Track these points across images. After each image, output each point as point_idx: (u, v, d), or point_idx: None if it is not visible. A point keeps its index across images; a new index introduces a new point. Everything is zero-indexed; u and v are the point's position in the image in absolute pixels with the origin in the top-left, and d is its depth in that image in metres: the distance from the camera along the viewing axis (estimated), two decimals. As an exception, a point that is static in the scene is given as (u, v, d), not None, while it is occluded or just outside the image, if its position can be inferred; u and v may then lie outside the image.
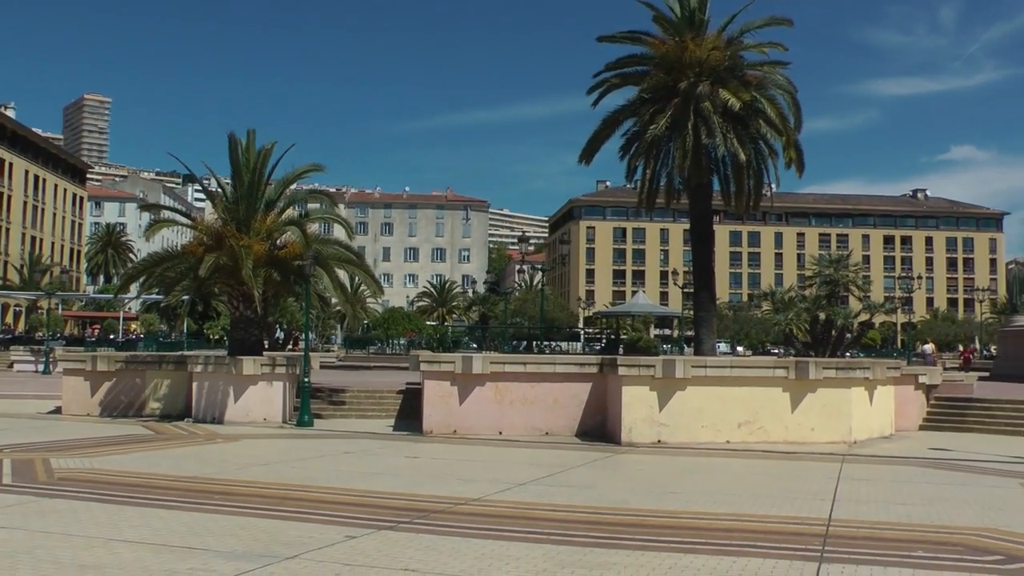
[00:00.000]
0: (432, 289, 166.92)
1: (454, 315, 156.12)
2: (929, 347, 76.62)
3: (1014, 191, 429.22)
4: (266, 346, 49.40)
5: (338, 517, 17.03)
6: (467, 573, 13.03)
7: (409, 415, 36.77)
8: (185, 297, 45.71)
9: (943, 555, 15.19)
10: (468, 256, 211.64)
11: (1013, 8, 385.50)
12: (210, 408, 37.03)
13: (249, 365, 36.48)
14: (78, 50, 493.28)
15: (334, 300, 46.80)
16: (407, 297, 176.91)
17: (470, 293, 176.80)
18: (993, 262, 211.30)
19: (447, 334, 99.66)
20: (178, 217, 46.12)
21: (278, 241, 40.72)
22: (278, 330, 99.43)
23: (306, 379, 36.37)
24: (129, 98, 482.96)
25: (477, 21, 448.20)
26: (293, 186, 44.81)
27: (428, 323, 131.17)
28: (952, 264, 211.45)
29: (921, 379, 39.31)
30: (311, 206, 46.79)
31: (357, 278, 50.30)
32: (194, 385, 37.75)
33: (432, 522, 16.82)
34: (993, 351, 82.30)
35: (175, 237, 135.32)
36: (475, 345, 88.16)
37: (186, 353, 46.96)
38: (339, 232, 49.63)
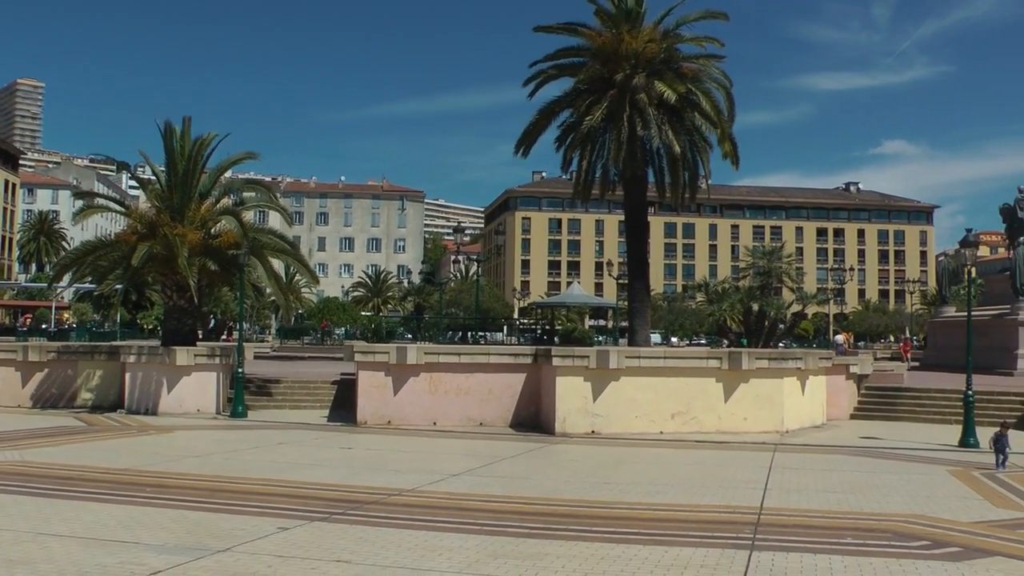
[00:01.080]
0: (367, 279, 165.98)
1: (389, 305, 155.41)
2: (840, 337, 77.49)
3: (944, 185, 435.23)
4: (200, 336, 49.00)
5: (271, 509, 16.95)
6: (400, 564, 13.03)
7: (343, 406, 36.62)
8: (119, 286, 45.01)
9: (871, 541, 15.47)
10: (404, 246, 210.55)
11: (945, 6, 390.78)
12: (143, 399, 36.67)
13: (183, 356, 36.17)
14: (11, 34, 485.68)
15: (269, 290, 46.32)
16: (342, 287, 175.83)
17: (405, 283, 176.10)
18: (923, 254, 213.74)
19: (382, 324, 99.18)
20: (112, 205, 45.55)
21: (213, 230, 40.36)
22: (212, 320, 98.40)
23: (240, 370, 36.14)
24: (64, 84, 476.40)
25: (414, 10, 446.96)
26: (228, 174, 44.47)
27: (363, 313, 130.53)
28: (883, 256, 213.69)
29: (852, 369, 39.78)
30: (246, 195, 46.45)
31: (292, 268, 49.95)
32: (127, 376, 37.35)
33: (366, 513, 16.82)
34: (923, 341, 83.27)
35: (109, 226, 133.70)
36: (410, 336, 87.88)
37: (119, 343, 46.38)
38: (275, 222, 49.50)
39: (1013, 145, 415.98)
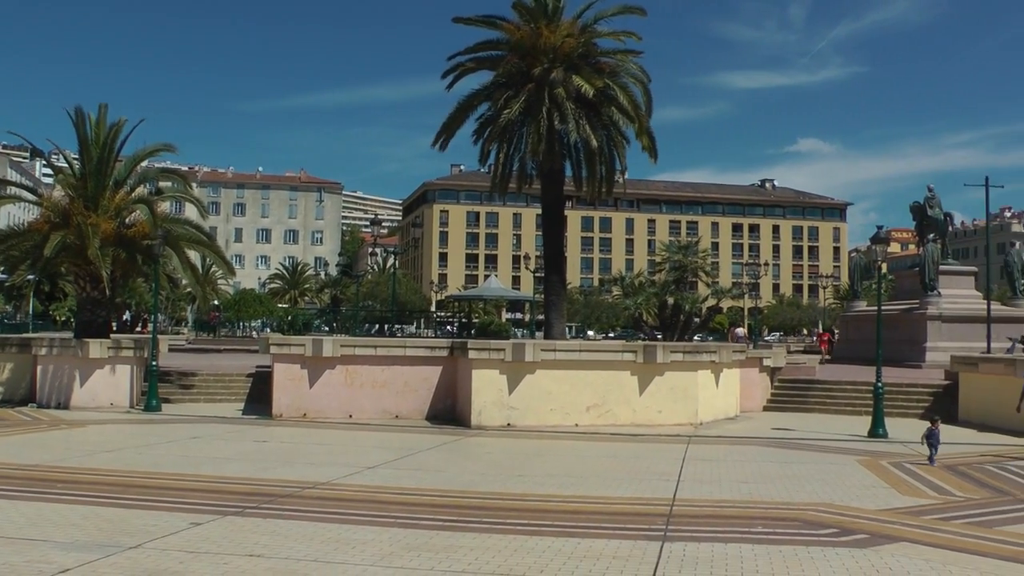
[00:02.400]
0: (284, 271, 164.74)
1: (306, 298, 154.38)
2: (741, 331, 78.56)
3: (857, 183, 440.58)
4: (114, 328, 48.36)
5: (184, 504, 16.82)
6: (313, 558, 13.03)
7: (259, 399, 36.42)
8: (30, 277, 44.33)
9: (781, 530, 15.76)
10: (321, 238, 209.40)
11: (859, 9, 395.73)
12: (55, 393, 36.08)
13: (96, 348, 35.67)
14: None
15: (184, 281, 45.81)
16: (259, 279, 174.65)
17: (323, 275, 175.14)
18: (837, 250, 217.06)
19: (298, 317, 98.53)
20: (24, 193, 44.63)
21: (127, 220, 39.77)
22: (128, 312, 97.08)
23: (154, 362, 35.72)
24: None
25: (333, 0, 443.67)
26: (144, 164, 43.90)
27: (280, 305, 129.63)
28: (798, 252, 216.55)
29: (766, 362, 40.35)
30: (163, 184, 45.86)
31: (208, 259, 49.50)
32: (38, 369, 36.67)
33: (279, 507, 16.75)
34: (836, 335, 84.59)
35: (22, 214, 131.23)
36: (326, 328, 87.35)
37: (31, 335, 45.68)
38: (191, 212, 48.84)
39: (924, 145, 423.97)
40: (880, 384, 31.63)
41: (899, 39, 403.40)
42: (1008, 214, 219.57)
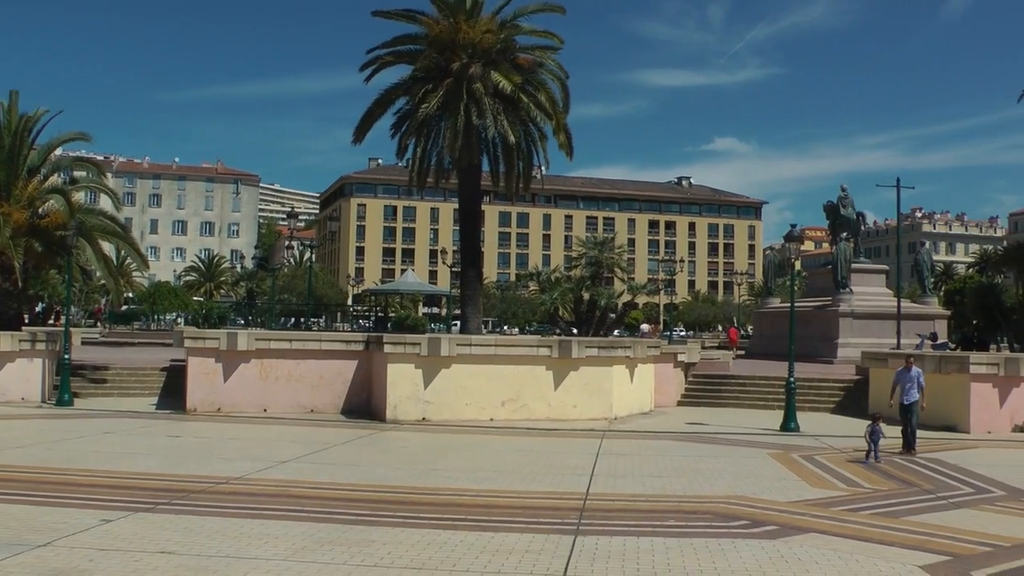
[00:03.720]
0: (200, 264, 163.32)
1: (222, 291, 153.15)
2: (646, 327, 79.33)
3: (772, 182, 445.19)
4: (26, 321, 47.61)
5: (95, 500, 16.58)
6: (225, 554, 12.94)
7: (173, 393, 35.98)
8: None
9: (693, 523, 15.95)
10: (237, 231, 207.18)
11: (777, 11, 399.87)
12: (-37, 387, 35.42)
13: (6, 341, 35.01)
14: None
15: (99, 273, 45.25)
16: (174, 271, 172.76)
17: (238, 268, 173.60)
18: (752, 248, 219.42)
19: (213, 310, 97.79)
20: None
21: (40, 210, 39.25)
22: (40, 304, 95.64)
23: (66, 356, 35.16)
24: None
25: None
26: (58, 152, 43.28)
27: (195, 298, 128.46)
28: (713, 249, 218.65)
29: (680, 357, 40.67)
30: (77, 174, 45.22)
31: (123, 251, 48.97)
32: (-54, 362, 36.00)
33: (192, 503, 16.62)
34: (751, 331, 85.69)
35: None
36: (242, 322, 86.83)
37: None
38: (106, 202, 48.25)
39: (838, 146, 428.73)
40: (792, 379, 32.09)
41: (816, 42, 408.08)
42: (919, 214, 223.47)
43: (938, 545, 14.59)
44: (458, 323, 50.34)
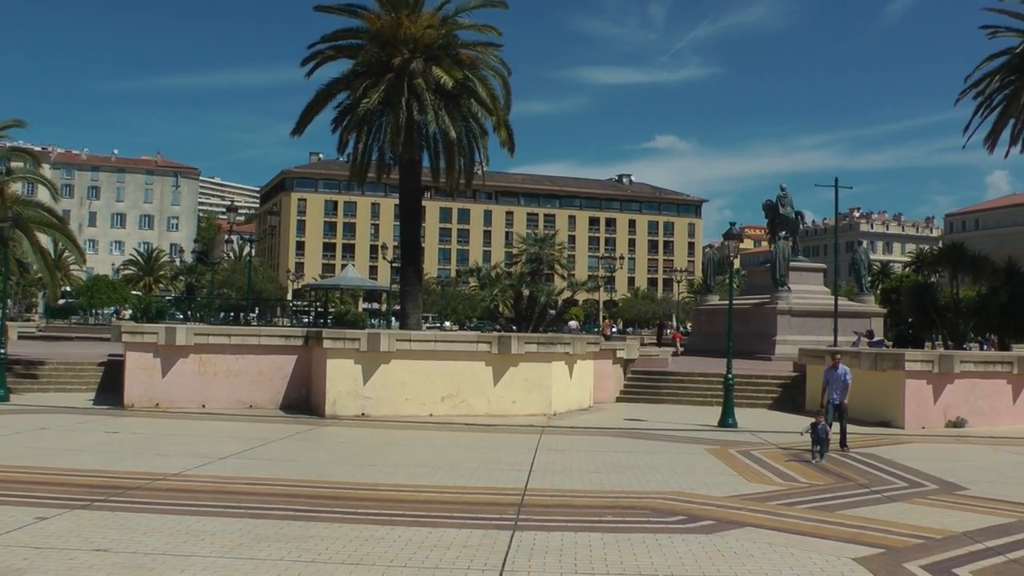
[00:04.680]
0: (139, 257, 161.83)
1: (161, 285, 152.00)
2: (574, 323, 79.71)
3: (713, 180, 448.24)
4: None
5: (30, 498, 16.39)
6: (162, 551, 12.87)
7: (111, 388, 35.66)
8: None
9: (631, 518, 16.07)
10: (177, 224, 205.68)
11: (718, 12, 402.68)
12: None
13: (-61, 335, 34.57)
14: None
15: (35, 266, 44.65)
16: (113, 265, 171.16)
17: (178, 262, 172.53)
18: (691, 245, 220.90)
19: (152, 304, 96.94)
20: None
21: (-26, 200, 38.69)
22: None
23: (1, 350, 34.70)
24: None
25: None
26: (-8, 142, 42.70)
27: (134, 293, 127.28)
28: (653, 246, 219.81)
29: (619, 354, 40.84)
30: (13, 165, 44.64)
31: (61, 244, 48.31)
32: None
33: (129, 499, 16.50)
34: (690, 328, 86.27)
35: None
36: (181, 316, 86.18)
37: None
38: (43, 194, 47.56)
39: (778, 146, 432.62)
40: (730, 375, 32.33)
41: (756, 43, 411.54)
42: (857, 214, 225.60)
43: (872, 538, 14.86)
44: (399, 319, 50.27)
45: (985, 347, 67.23)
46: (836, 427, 25.57)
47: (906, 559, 13.60)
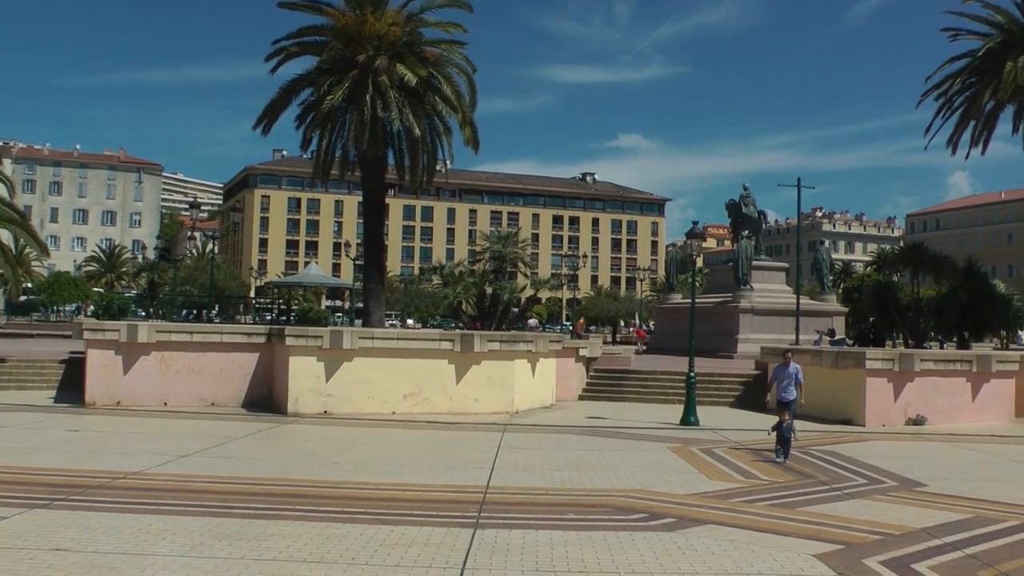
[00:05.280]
0: (101, 254, 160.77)
1: (123, 282, 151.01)
2: (533, 321, 79.97)
3: (676, 179, 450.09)
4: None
5: (-11, 496, 16.29)
6: (122, 550, 12.79)
7: (72, 386, 35.40)
8: None
9: (592, 516, 16.11)
10: (140, 220, 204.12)
11: (683, 11, 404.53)
12: None
13: None
14: None
15: (-4, 262, 44.30)
16: (75, 261, 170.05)
17: (140, 259, 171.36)
18: (655, 244, 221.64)
19: (114, 301, 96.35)
20: None
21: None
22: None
23: (-41, 347, 34.48)
24: None
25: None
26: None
27: (96, 289, 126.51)
28: (616, 245, 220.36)
29: (582, 352, 40.92)
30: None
31: (22, 239, 48.00)
32: None
33: (89, 498, 16.39)
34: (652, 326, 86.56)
35: None
36: (143, 313, 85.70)
37: None
38: (2, 189, 47.09)
39: (741, 145, 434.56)
40: (692, 374, 32.47)
41: (721, 43, 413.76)
42: (819, 214, 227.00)
43: (832, 534, 14.99)
44: (361, 316, 50.21)
45: (944, 346, 67.82)
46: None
47: (866, 555, 13.73)
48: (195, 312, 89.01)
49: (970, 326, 64.80)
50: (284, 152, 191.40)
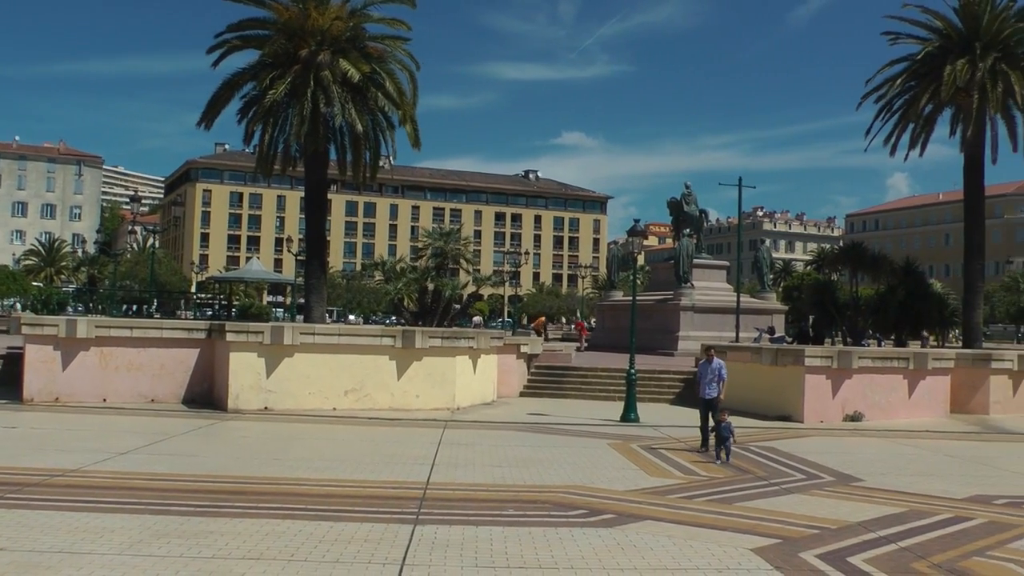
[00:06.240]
0: (40, 247, 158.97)
1: (63, 276, 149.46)
2: (478, 318, 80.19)
3: (618, 177, 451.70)
4: None
5: (-78, 497, 16.09)
6: (59, 549, 12.69)
7: (9, 382, 34.91)
8: None
9: (532, 512, 16.23)
10: (80, 214, 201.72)
11: (627, 10, 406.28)
12: None
13: None
14: None
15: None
16: (13, 255, 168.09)
17: (80, 253, 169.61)
18: (596, 242, 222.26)
19: (53, 296, 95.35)
20: None
21: None
22: None
23: None
24: None
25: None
26: None
27: (34, 284, 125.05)
28: (559, 242, 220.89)
29: (523, 348, 41.02)
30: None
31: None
32: None
33: (26, 496, 16.24)
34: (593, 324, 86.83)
35: None
36: (82, 308, 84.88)
37: None
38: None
39: (684, 144, 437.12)
40: (633, 371, 32.60)
41: (664, 42, 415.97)
42: (760, 213, 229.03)
43: (769, 529, 15.23)
44: (303, 312, 50.07)
45: (882, 344, 68.58)
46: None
47: (802, 549, 13.94)
48: (135, 307, 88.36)
49: (907, 325, 65.56)
50: (226, 146, 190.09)
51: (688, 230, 63.46)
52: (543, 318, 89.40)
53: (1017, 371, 38.50)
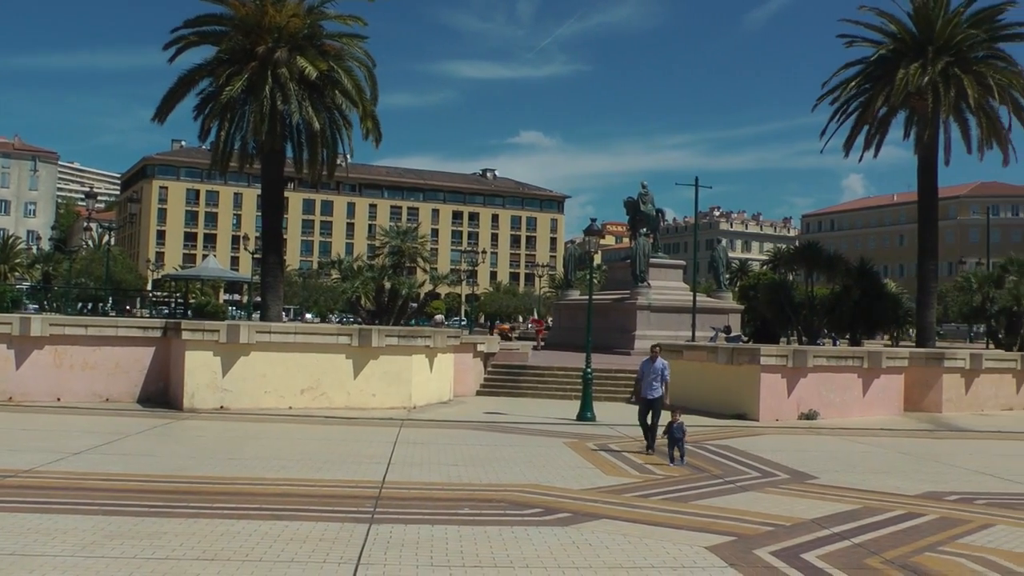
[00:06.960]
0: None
1: (16, 273, 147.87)
2: (440, 317, 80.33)
3: (576, 177, 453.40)
4: None
5: None
6: (10, 551, 12.54)
7: (-39, 381, 34.65)
8: None
9: (487, 511, 16.24)
10: (34, 210, 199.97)
11: (586, 9, 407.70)
12: None
13: None
14: None
15: None
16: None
17: (35, 250, 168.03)
18: (554, 241, 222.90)
19: (6, 293, 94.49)
20: None
21: None
22: None
23: None
24: None
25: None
26: None
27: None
28: (516, 241, 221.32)
29: (480, 347, 41.06)
30: None
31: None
32: None
33: (-24, 496, 16.10)
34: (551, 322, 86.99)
35: None
36: (36, 306, 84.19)
37: None
38: None
39: (641, 144, 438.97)
40: (589, 370, 32.68)
41: (622, 42, 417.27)
42: (717, 213, 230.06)
43: (724, 527, 15.32)
44: (259, 310, 49.91)
45: (837, 343, 69.13)
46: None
47: (756, 546, 14.04)
48: (91, 305, 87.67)
49: (862, 324, 66.14)
50: (183, 143, 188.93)
51: (645, 230, 63.72)
52: (506, 326, 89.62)
53: (969, 370, 38.92)
